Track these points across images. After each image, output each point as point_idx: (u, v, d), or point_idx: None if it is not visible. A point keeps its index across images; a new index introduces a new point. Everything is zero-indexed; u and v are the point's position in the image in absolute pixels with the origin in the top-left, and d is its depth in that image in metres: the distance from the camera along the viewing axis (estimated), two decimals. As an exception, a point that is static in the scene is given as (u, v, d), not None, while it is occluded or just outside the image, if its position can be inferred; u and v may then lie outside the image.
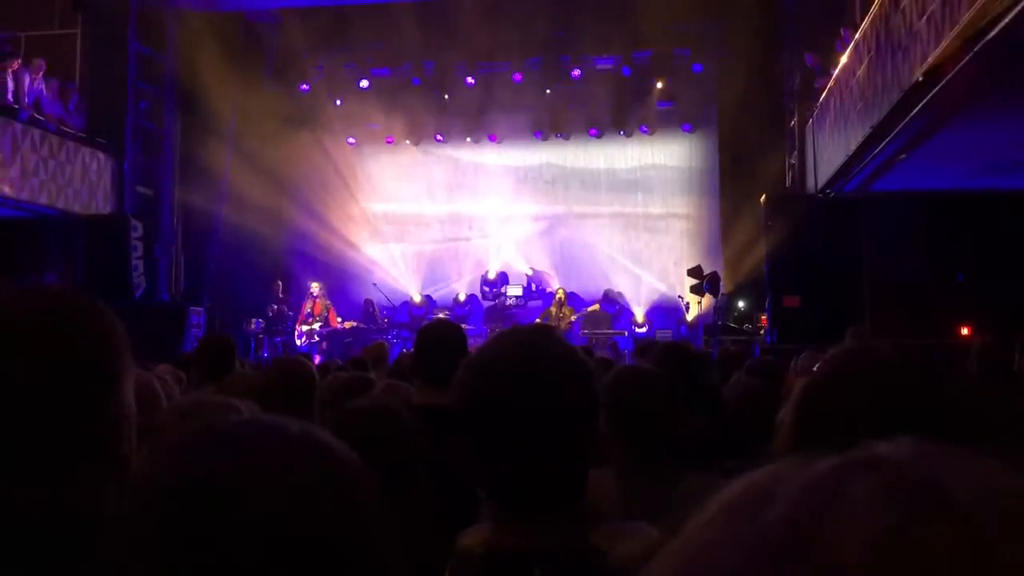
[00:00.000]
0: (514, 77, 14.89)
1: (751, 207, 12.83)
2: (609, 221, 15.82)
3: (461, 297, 15.43)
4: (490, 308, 15.29)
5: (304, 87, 15.39)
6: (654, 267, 15.45)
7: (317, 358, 11.79)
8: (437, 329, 3.29)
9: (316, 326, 13.79)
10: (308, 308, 13.91)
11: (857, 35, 9.65)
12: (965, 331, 10.26)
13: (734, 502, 0.42)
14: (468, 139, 15.86)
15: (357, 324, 14.07)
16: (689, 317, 14.07)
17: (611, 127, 15.36)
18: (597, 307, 14.51)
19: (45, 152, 11.75)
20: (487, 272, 15.64)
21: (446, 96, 15.24)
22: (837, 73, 10.68)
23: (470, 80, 14.98)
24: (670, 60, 14.76)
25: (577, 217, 15.93)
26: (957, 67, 6.32)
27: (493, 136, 15.76)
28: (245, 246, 14.55)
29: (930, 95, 7.04)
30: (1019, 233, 10.66)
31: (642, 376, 2.28)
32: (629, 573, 1.21)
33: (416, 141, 15.95)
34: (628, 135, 15.43)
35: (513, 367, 1.31)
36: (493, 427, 1.28)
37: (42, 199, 11.68)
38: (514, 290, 15.23)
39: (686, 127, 15.27)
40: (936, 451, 0.41)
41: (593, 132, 15.45)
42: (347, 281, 15.64)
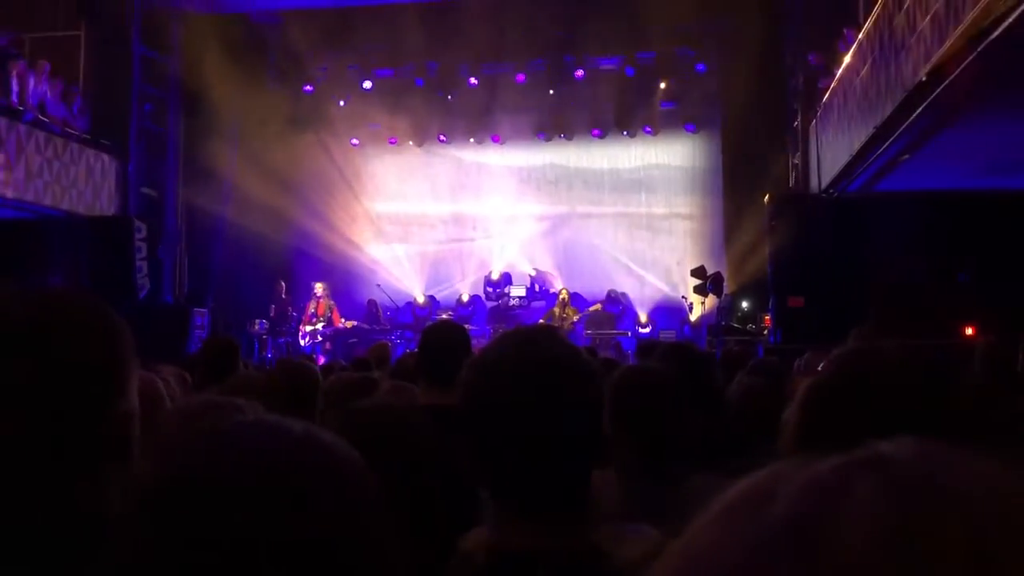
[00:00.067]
0: (517, 78, 14.88)
1: (755, 207, 12.83)
2: (612, 221, 15.82)
3: (464, 298, 15.43)
4: (493, 309, 15.30)
5: (308, 88, 15.40)
6: (658, 267, 15.44)
7: (321, 359, 11.81)
8: (441, 330, 3.29)
9: (320, 326, 13.80)
10: (312, 309, 13.91)
11: (860, 35, 9.65)
12: (969, 331, 10.24)
13: (736, 502, 0.42)
14: (471, 140, 15.86)
15: (357, 324, 14.07)
16: (693, 317, 14.07)
17: (614, 128, 15.35)
18: (599, 307, 14.50)
19: (49, 154, 11.77)
20: (490, 273, 15.64)
21: (449, 97, 15.25)
22: (841, 73, 10.68)
23: (473, 81, 14.98)
24: (673, 60, 14.75)
25: (580, 217, 15.92)
26: (961, 67, 6.32)
27: (496, 137, 15.76)
28: (249, 247, 14.57)
29: (934, 95, 7.03)
30: (1023, 233, 10.64)
31: (648, 376, 2.28)
32: (632, 574, 1.21)
33: (419, 142, 15.96)
34: (631, 135, 15.42)
35: (516, 368, 1.31)
36: (496, 427, 1.29)
37: (46, 200, 11.70)
38: (517, 291, 15.23)
39: (689, 127, 15.26)
40: (937, 451, 0.41)
41: (596, 133, 15.44)
42: (351, 282, 15.65)
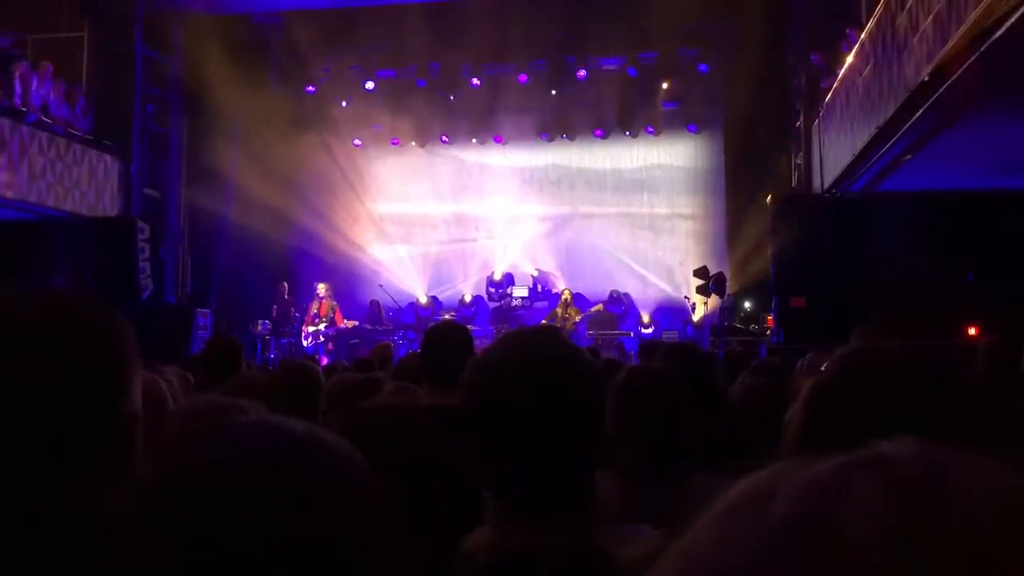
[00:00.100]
0: (519, 78, 14.88)
1: (757, 207, 12.81)
2: (615, 222, 15.81)
3: (467, 298, 15.43)
4: (496, 309, 15.30)
5: (310, 88, 15.41)
6: (660, 268, 15.44)
7: (324, 359, 11.82)
8: (443, 330, 3.29)
9: (322, 327, 13.80)
10: (314, 309, 13.92)
11: (863, 35, 9.64)
12: (972, 331, 10.22)
13: (737, 502, 0.42)
14: (474, 140, 15.86)
15: (358, 324, 14.05)
16: (695, 318, 14.06)
17: (617, 128, 15.35)
18: (600, 307, 14.50)
19: (52, 155, 11.79)
20: (493, 273, 15.64)
21: (452, 97, 15.25)
22: (843, 73, 10.67)
23: (476, 81, 14.98)
24: (676, 61, 14.74)
25: (583, 217, 15.92)
26: (963, 67, 6.31)
27: (499, 137, 15.76)
28: (251, 248, 14.58)
29: (936, 95, 7.02)
30: (1027, 233, 10.62)
31: (654, 377, 2.27)
32: (633, 575, 1.21)
33: (422, 142, 15.97)
34: (634, 136, 15.42)
35: (518, 368, 1.31)
36: (499, 428, 1.29)
37: (49, 201, 11.72)
38: (520, 291, 15.23)
39: (692, 128, 15.25)
40: (938, 451, 0.41)
41: (599, 133, 15.44)
42: (353, 282, 15.66)
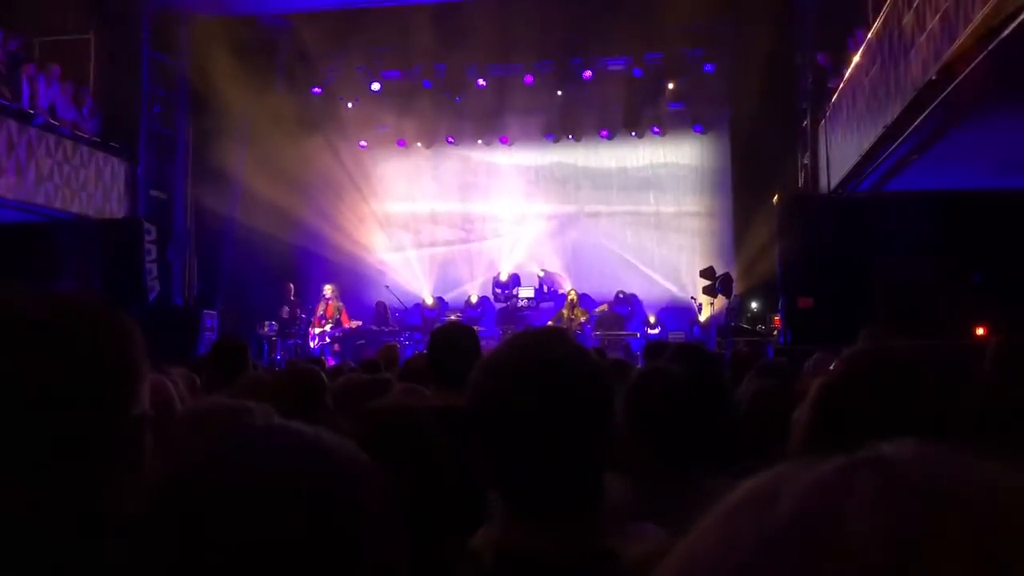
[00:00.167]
0: (525, 79, 14.89)
1: (764, 208, 12.78)
2: (621, 222, 15.80)
3: (473, 299, 15.44)
4: (502, 310, 15.29)
5: (316, 90, 15.45)
6: (666, 268, 15.42)
7: (330, 361, 11.82)
8: (450, 331, 3.30)
9: (328, 328, 13.82)
10: (321, 310, 13.93)
11: (870, 34, 9.62)
12: (980, 331, 10.18)
13: (740, 502, 0.43)
14: (479, 141, 15.87)
15: (361, 324, 14.04)
16: (702, 318, 14.04)
17: (622, 128, 15.34)
18: (605, 307, 14.49)
19: (60, 156, 11.84)
20: (499, 274, 15.64)
21: (457, 98, 15.26)
22: (850, 73, 10.65)
23: (481, 82, 14.99)
24: (681, 61, 14.73)
25: (589, 217, 15.91)
26: (971, 66, 6.29)
27: (504, 138, 15.76)
28: (258, 249, 14.60)
29: (943, 94, 7.00)
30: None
31: (668, 378, 2.26)
32: (637, 574, 1.21)
33: (428, 144, 15.98)
34: (639, 136, 15.41)
35: (526, 369, 1.31)
36: (505, 429, 1.29)
37: (57, 203, 11.76)
38: (526, 292, 15.23)
39: (698, 128, 15.23)
40: (939, 451, 0.42)
41: (604, 134, 15.43)
42: (359, 283, 15.67)
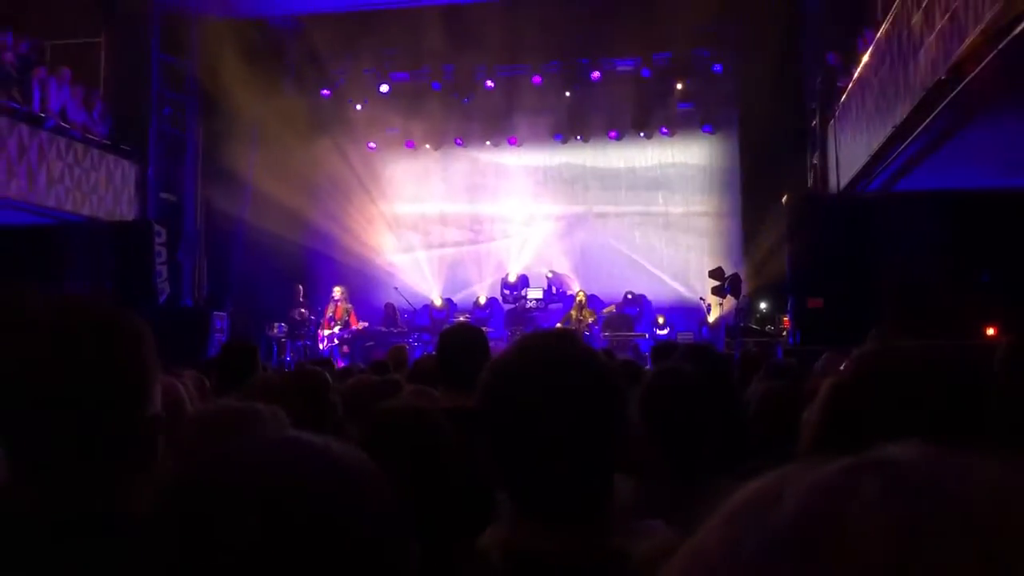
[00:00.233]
0: (533, 80, 14.89)
1: (773, 208, 12.75)
2: (629, 223, 15.78)
3: (481, 300, 15.44)
4: (510, 311, 15.29)
5: (325, 92, 15.49)
6: (675, 269, 15.40)
7: (340, 362, 11.83)
8: (458, 333, 3.30)
9: (337, 329, 13.84)
10: (330, 312, 13.96)
11: (879, 34, 9.59)
12: (991, 332, 10.14)
13: (744, 503, 0.43)
14: (488, 143, 15.88)
15: (368, 325, 14.03)
16: (711, 319, 14.01)
17: (631, 129, 15.33)
18: (614, 308, 14.47)
19: (71, 159, 11.89)
20: (507, 275, 15.64)
21: (466, 100, 15.27)
22: (859, 72, 10.62)
23: (490, 84, 15.00)
24: (690, 61, 14.71)
25: (597, 218, 15.89)
26: (980, 65, 6.27)
27: (513, 139, 15.76)
28: (267, 251, 14.63)
29: (953, 94, 6.98)
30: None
31: (684, 378, 2.26)
32: (644, 573, 1.22)
33: (436, 145, 16.00)
34: (648, 137, 15.39)
35: (535, 370, 1.32)
36: (514, 429, 1.29)
37: (67, 206, 11.82)
38: (534, 293, 15.23)
39: (707, 128, 15.20)
40: (943, 453, 0.42)
41: (613, 134, 15.42)
42: (368, 285, 15.70)
